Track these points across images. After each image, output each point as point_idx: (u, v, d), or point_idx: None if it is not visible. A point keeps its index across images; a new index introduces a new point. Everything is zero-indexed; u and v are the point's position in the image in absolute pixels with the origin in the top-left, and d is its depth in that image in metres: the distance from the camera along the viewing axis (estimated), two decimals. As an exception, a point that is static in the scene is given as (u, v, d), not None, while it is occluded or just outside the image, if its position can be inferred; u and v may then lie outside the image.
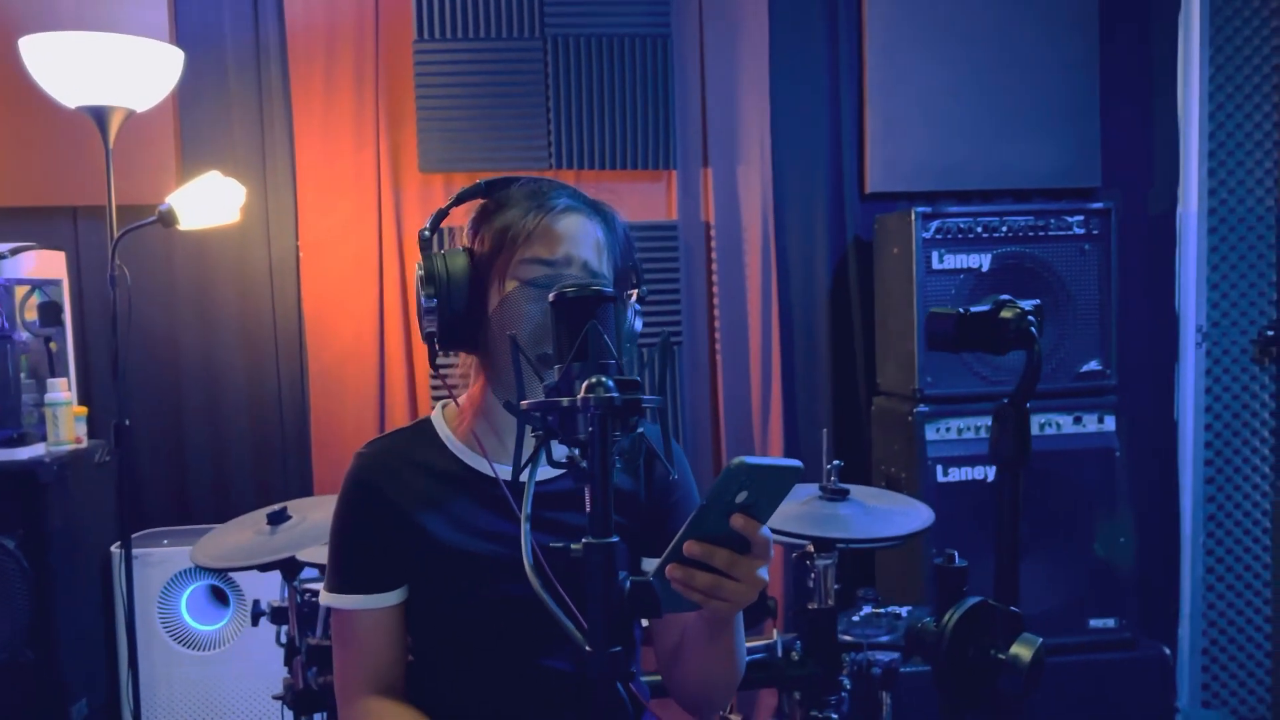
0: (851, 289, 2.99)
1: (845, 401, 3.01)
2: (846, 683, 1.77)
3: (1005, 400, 0.91)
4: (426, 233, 1.20)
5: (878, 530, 1.71)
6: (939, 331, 0.94)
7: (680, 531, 0.90)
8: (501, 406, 1.17)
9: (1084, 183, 2.99)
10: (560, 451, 0.90)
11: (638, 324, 1.18)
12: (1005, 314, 0.91)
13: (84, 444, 2.52)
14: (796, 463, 0.89)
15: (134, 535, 2.45)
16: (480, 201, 1.26)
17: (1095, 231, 2.65)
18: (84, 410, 2.56)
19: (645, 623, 1.48)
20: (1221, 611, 3.03)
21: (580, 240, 1.19)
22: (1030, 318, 0.90)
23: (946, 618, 0.88)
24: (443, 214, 1.23)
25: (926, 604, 2.35)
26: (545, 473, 1.21)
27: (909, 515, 1.76)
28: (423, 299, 1.16)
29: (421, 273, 1.17)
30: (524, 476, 0.90)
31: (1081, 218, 2.65)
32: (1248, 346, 3.01)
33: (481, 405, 1.24)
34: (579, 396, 0.82)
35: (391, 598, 1.21)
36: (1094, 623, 2.62)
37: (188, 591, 2.55)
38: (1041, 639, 0.90)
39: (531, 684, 1.21)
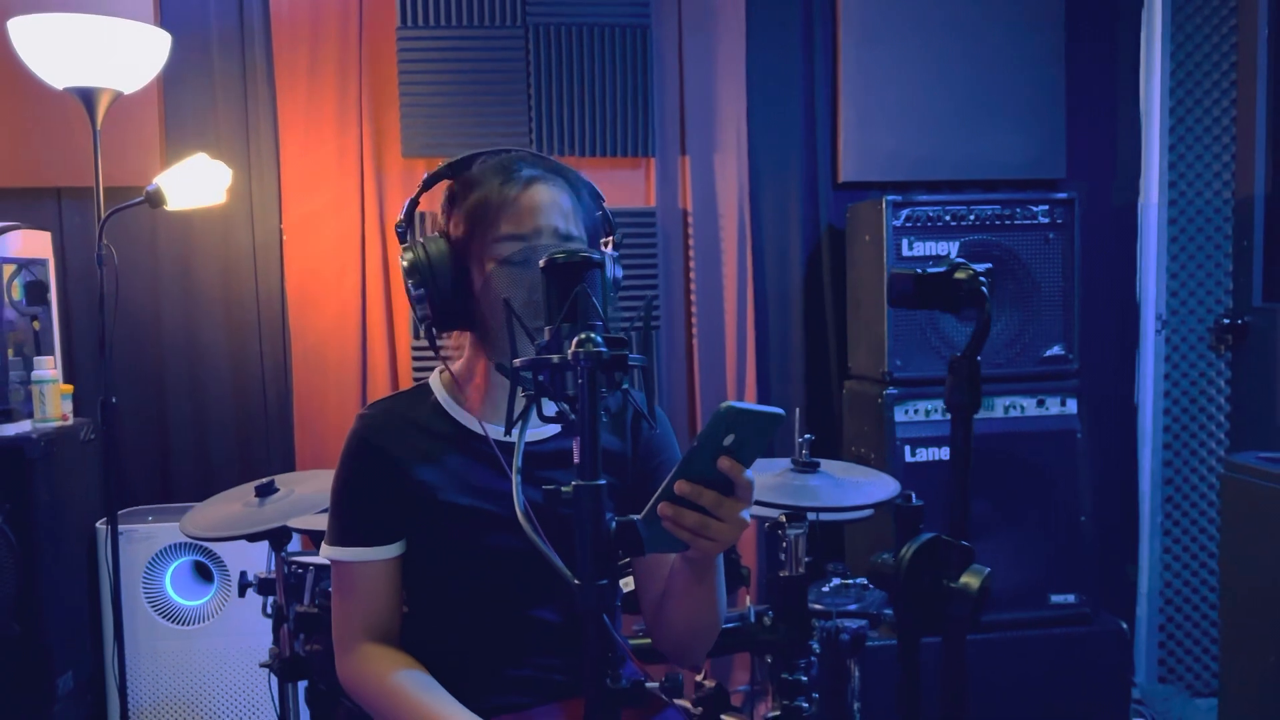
0: (824, 275, 3.07)
1: (817, 384, 3.09)
2: (815, 647, 1.85)
3: (959, 354, 0.99)
4: (402, 225, 1.26)
5: (846, 499, 1.79)
6: (900, 290, 1.01)
7: (672, 472, 0.97)
8: (494, 371, 1.23)
9: (1049, 174, 3.08)
10: (551, 409, 0.97)
11: (618, 271, 1.25)
12: (959, 275, 0.98)
13: (70, 421, 2.56)
14: (779, 410, 0.96)
15: (119, 512, 2.49)
16: (448, 183, 1.32)
17: (1059, 221, 2.73)
18: (69, 388, 2.59)
19: (629, 587, 1.55)
20: (1178, 590, 3.14)
21: (548, 209, 1.25)
22: (982, 278, 0.98)
23: (903, 551, 0.96)
24: (414, 203, 1.30)
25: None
26: (538, 433, 1.28)
27: (876, 486, 1.84)
28: (411, 288, 1.22)
29: (405, 264, 1.23)
30: (515, 431, 0.97)
31: (1046, 207, 2.73)
32: (1205, 334, 3.12)
33: (475, 373, 1.31)
34: (569, 352, 0.89)
35: (390, 550, 1.28)
36: (1055, 598, 2.71)
37: (172, 567, 2.59)
38: (989, 569, 0.98)
39: (520, 633, 1.28)
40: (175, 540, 2.55)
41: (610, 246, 1.32)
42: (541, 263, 0.98)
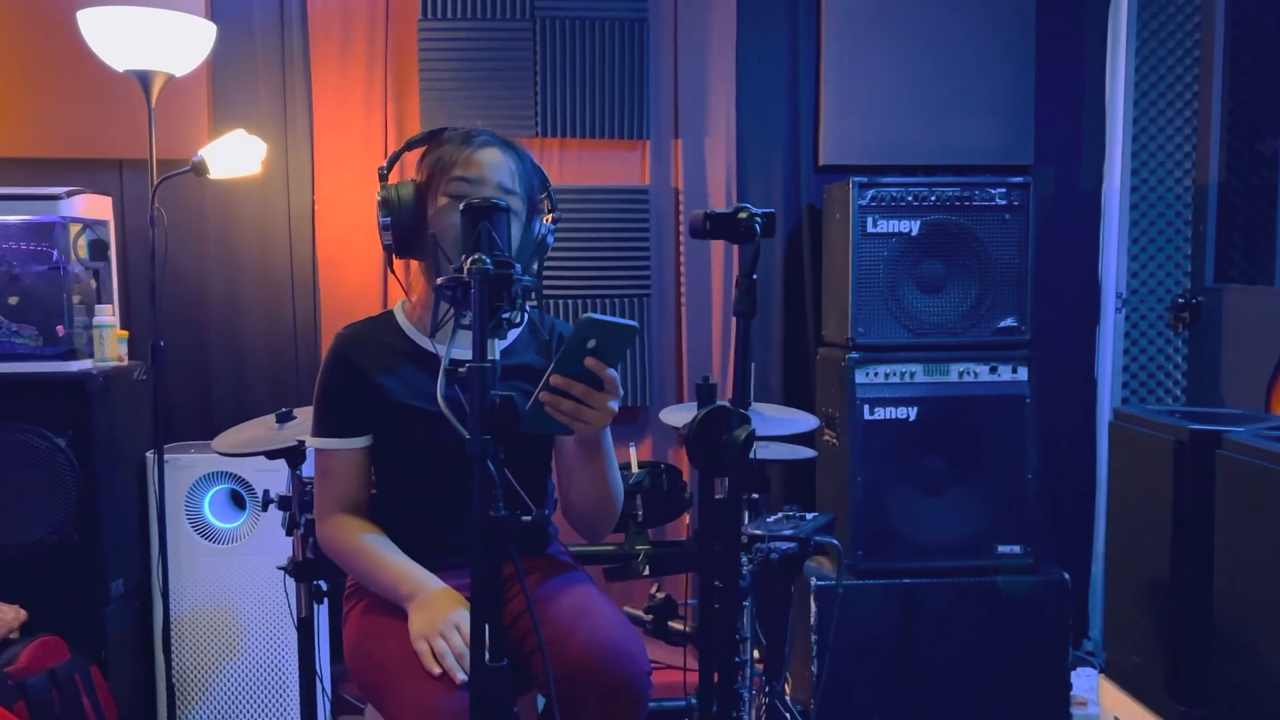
0: (804, 251, 3.33)
1: (796, 350, 3.36)
2: (746, 561, 2.13)
3: (741, 275, 1.26)
4: (384, 169, 1.59)
5: (771, 431, 2.07)
6: (694, 225, 1.30)
7: (549, 369, 1.27)
8: (435, 299, 1.55)
9: (1018, 160, 3.30)
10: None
11: (550, 239, 1.56)
12: (741, 215, 1.26)
13: (125, 362, 2.92)
14: (632, 323, 1.26)
15: (165, 445, 2.84)
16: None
17: (1016, 202, 2.95)
18: (125, 333, 2.96)
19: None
20: (1132, 551, 3.36)
21: (495, 166, 1.57)
22: (758, 218, 1.25)
23: (696, 415, 1.24)
24: (398, 155, 1.62)
25: (831, 512, 2.70)
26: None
27: (795, 422, 2.12)
28: (379, 218, 1.55)
29: (379, 198, 1.56)
30: (440, 337, 1.27)
31: (1004, 190, 2.94)
32: (1163, 313, 3.33)
33: (426, 298, 1.63)
34: (465, 269, 1.20)
35: (360, 442, 1.60)
36: (1001, 548, 2.95)
37: (210, 493, 2.94)
38: (754, 427, 1.26)
39: (459, 508, 1.58)
40: (213, 469, 2.90)
41: (549, 220, 1.64)
42: (461, 206, 1.29)
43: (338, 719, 3.02)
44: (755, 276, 1.26)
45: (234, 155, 2.78)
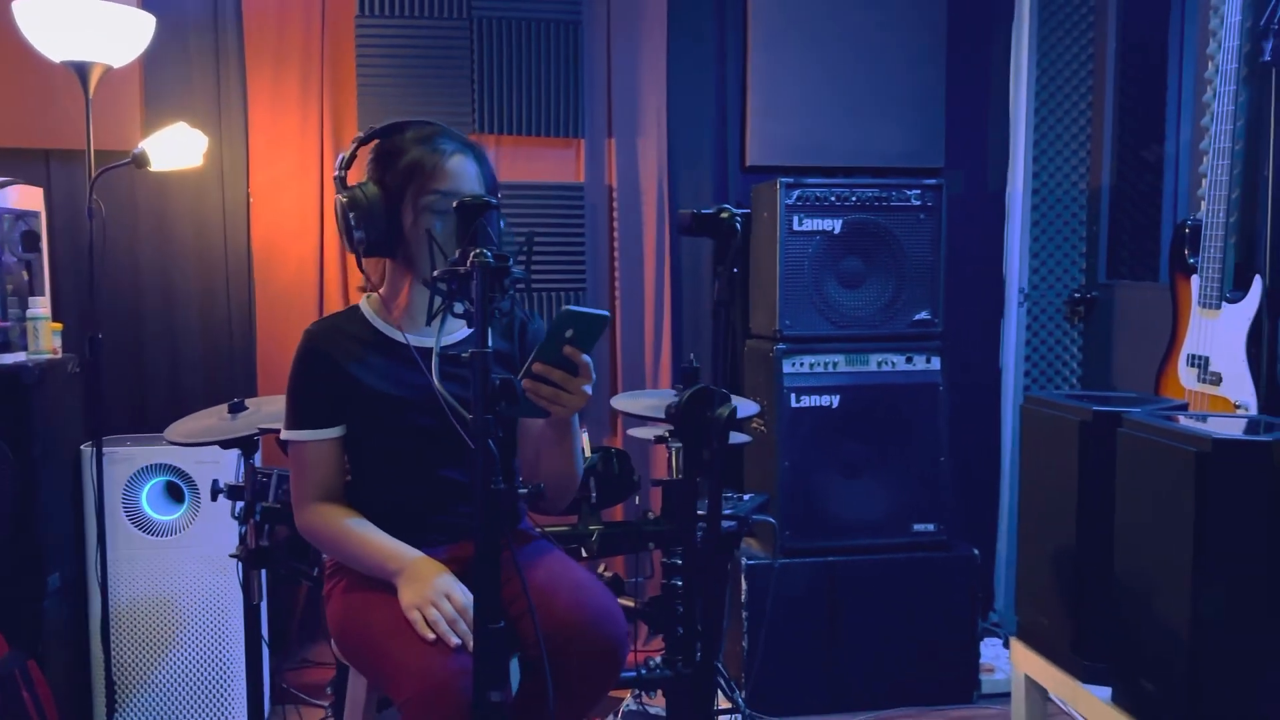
0: (732, 247, 3.48)
1: (725, 343, 3.51)
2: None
3: (721, 267, 1.40)
4: (342, 171, 1.66)
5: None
6: (682, 223, 1.43)
7: (530, 357, 1.38)
8: (414, 293, 1.64)
9: (930, 163, 3.52)
10: (460, 308, 1.37)
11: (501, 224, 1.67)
12: (723, 215, 1.39)
13: (60, 355, 2.89)
14: (605, 313, 1.38)
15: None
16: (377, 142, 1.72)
17: (930, 203, 3.16)
18: (59, 325, 2.93)
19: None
20: (1033, 529, 3.62)
21: (465, 175, 1.68)
22: (737, 217, 1.38)
23: (683, 395, 1.37)
24: (352, 156, 1.70)
25: (764, 493, 2.86)
26: (452, 337, 1.67)
27: (742, 408, 2.25)
28: (352, 220, 1.61)
29: (345, 200, 1.63)
30: (433, 325, 1.36)
31: (919, 191, 3.15)
32: (1061, 306, 3.59)
33: (399, 293, 1.71)
34: (468, 261, 1.29)
35: (334, 432, 1.68)
36: (916, 527, 3.16)
37: (147, 486, 2.93)
38: (735, 405, 1.39)
39: (436, 489, 1.69)
40: (150, 462, 2.90)
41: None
42: (454, 203, 1.39)
43: (277, 707, 3.06)
44: (736, 269, 1.39)
45: (175, 148, 2.79)
